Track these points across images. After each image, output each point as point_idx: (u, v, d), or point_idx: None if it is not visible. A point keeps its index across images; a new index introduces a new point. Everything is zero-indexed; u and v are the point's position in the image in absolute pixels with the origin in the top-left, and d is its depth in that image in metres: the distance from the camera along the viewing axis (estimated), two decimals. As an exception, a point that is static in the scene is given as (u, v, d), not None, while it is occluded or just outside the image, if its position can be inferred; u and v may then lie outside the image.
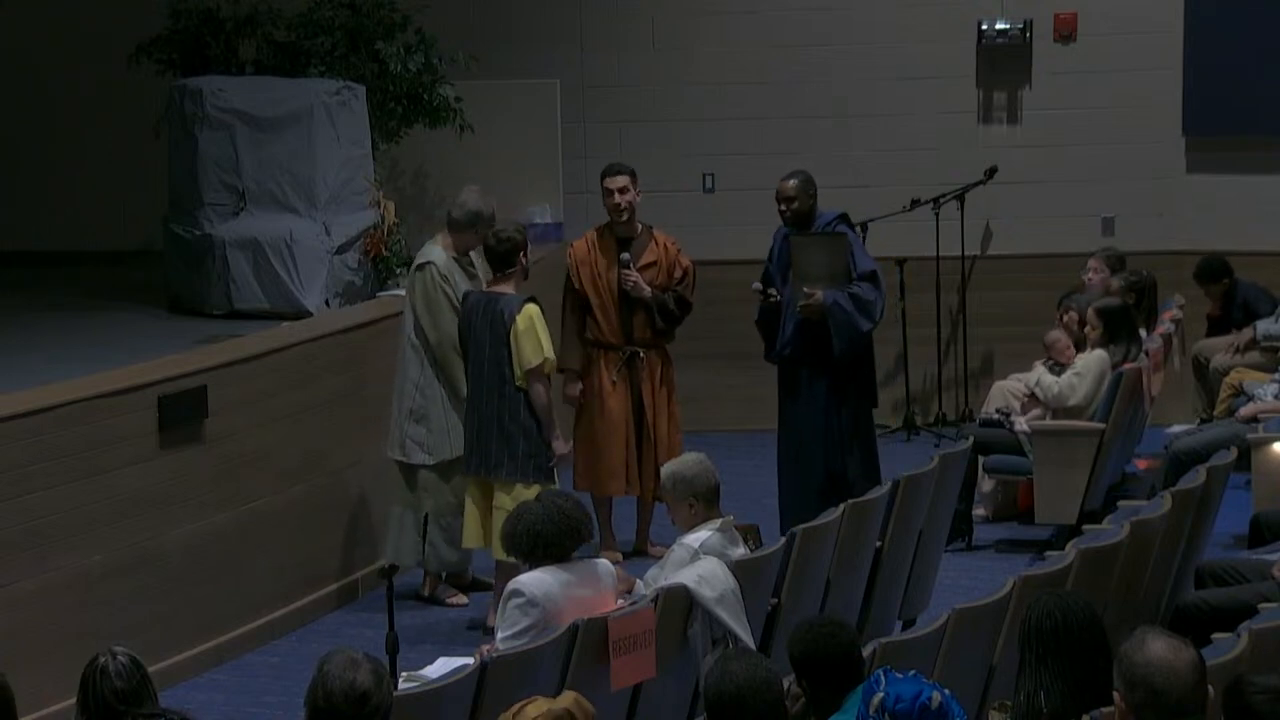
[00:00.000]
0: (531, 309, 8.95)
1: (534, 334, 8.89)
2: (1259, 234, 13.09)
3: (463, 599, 9.77)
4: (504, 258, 9.05)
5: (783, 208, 9.87)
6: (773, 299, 9.89)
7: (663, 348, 10.36)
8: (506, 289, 9.04)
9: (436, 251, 9.57)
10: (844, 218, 9.97)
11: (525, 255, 9.12)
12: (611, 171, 10.25)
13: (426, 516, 9.56)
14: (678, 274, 10.27)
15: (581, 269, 10.25)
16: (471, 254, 9.67)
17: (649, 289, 10.17)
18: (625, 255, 10.16)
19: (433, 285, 9.47)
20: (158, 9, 12.02)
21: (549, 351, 8.97)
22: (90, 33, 13.43)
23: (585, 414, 10.25)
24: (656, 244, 10.29)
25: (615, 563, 8.53)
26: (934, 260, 13.26)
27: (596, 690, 6.23)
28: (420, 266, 9.58)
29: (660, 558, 10.44)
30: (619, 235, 10.25)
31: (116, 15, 13.00)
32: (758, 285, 9.98)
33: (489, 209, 9.55)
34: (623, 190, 10.16)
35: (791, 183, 9.87)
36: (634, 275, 10.13)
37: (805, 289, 9.68)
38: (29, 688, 7.74)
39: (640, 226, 10.31)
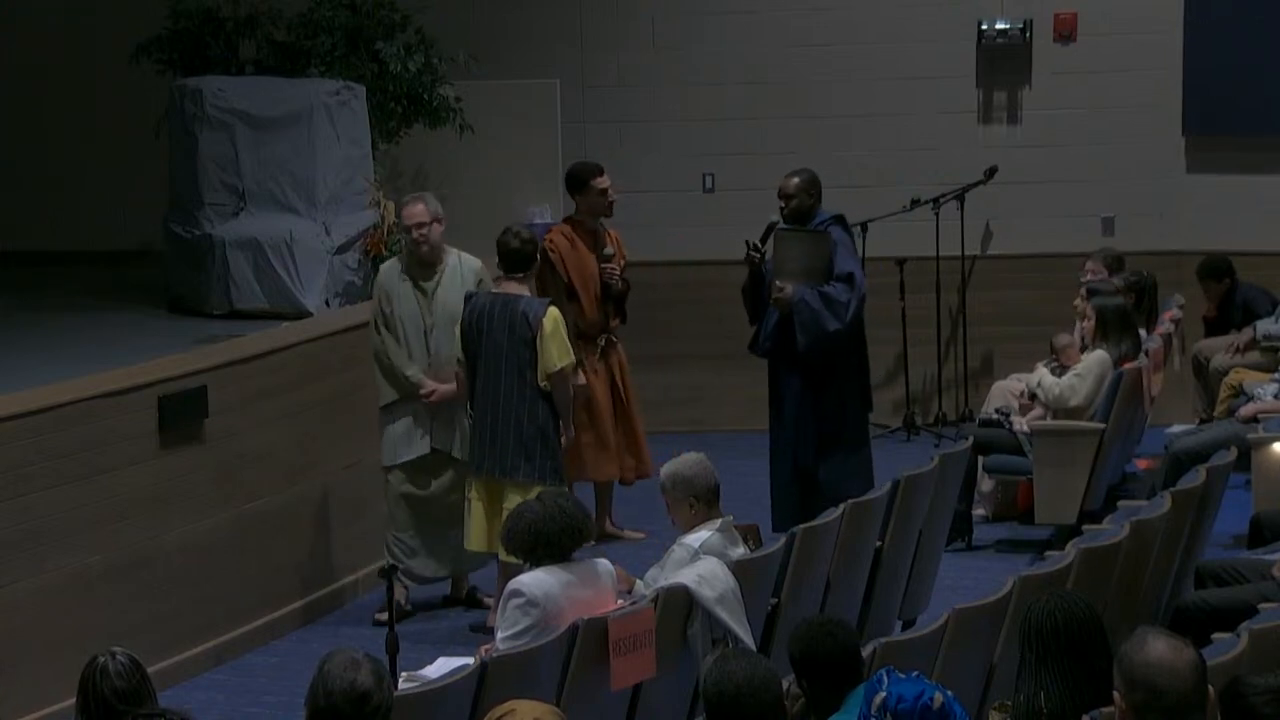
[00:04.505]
0: (555, 311, 8.97)
1: (559, 336, 8.92)
2: (1259, 234, 13.09)
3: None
4: (524, 260, 9.07)
5: (781, 204, 9.91)
6: (756, 257, 9.88)
7: (617, 334, 10.71)
8: (522, 291, 9.04)
9: (388, 262, 9.74)
10: (839, 219, 9.96)
11: (538, 257, 9.22)
12: (601, 171, 10.52)
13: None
14: (621, 262, 10.63)
15: (567, 261, 10.42)
16: (446, 261, 9.45)
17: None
18: (609, 250, 10.47)
19: (373, 292, 9.64)
20: (157, 9, 12.02)
21: (572, 353, 9.01)
22: (90, 33, 13.42)
23: (576, 404, 10.31)
24: (609, 237, 10.59)
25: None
26: (934, 260, 13.25)
27: (596, 690, 6.24)
28: None
29: (627, 537, 10.61)
30: (590, 229, 10.51)
31: (116, 15, 12.99)
32: (775, 218, 9.97)
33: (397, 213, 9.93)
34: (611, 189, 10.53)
35: (793, 181, 9.90)
36: (616, 268, 10.47)
37: (777, 283, 9.71)
38: (29, 688, 7.76)
39: None
